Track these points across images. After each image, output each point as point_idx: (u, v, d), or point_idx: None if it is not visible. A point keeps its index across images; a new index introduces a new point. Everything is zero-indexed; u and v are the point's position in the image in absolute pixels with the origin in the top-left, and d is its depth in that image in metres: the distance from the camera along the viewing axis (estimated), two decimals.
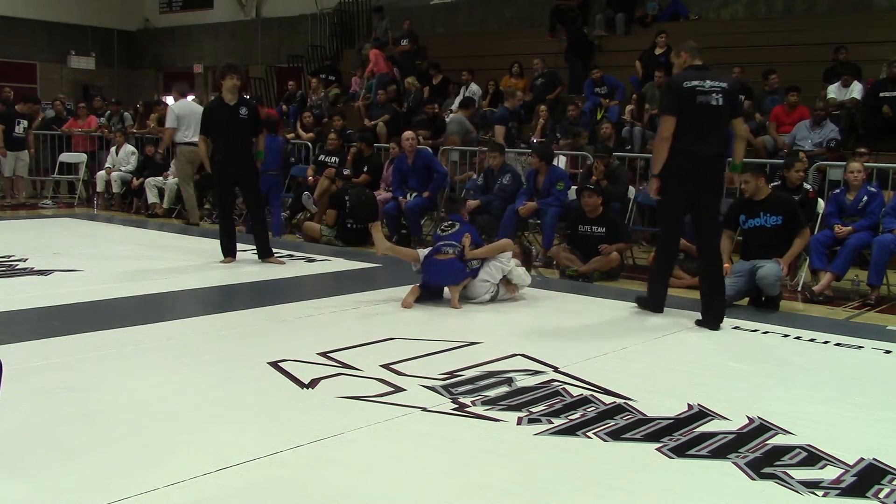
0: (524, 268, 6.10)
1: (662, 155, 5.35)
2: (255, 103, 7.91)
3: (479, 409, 3.54)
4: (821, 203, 7.23)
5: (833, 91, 9.84)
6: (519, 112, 11.82)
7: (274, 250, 7.65)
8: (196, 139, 10.29)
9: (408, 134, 9.21)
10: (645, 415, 3.53)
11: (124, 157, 12.21)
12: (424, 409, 3.51)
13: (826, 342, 5.05)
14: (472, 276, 5.90)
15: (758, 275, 5.90)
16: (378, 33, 15.57)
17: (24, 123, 12.30)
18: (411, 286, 5.85)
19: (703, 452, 3.13)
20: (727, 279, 6.02)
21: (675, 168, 5.36)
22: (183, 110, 10.17)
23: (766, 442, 3.25)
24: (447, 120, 11.80)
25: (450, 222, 6.21)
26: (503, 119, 10.67)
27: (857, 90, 9.74)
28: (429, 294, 5.85)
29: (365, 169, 9.79)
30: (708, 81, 5.44)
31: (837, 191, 7.10)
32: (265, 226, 7.74)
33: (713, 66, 11.20)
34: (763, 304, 6.04)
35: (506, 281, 5.98)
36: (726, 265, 6.13)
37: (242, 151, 7.32)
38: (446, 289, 5.90)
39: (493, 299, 5.95)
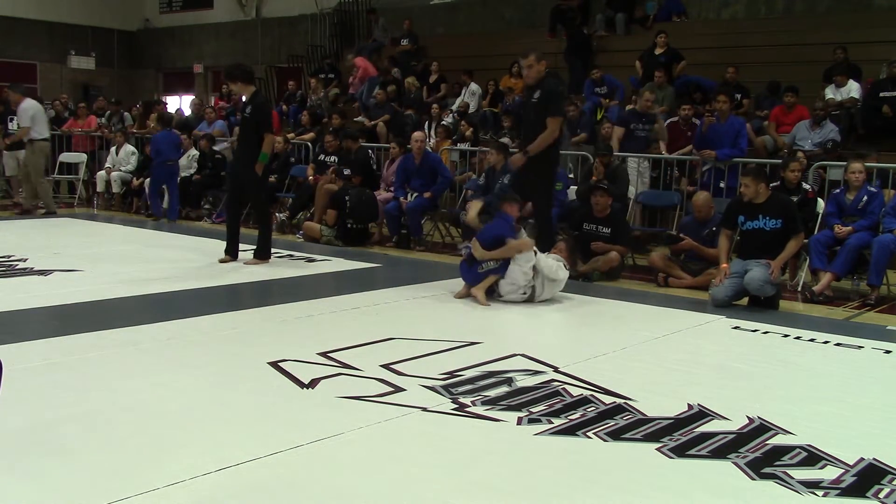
0: (560, 263, 6.01)
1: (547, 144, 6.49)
2: (261, 102, 7.56)
3: (479, 409, 3.54)
4: (820, 203, 7.23)
5: (830, 91, 9.84)
6: (518, 112, 11.80)
7: (273, 251, 7.65)
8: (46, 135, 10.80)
9: (418, 135, 9.22)
10: (645, 415, 3.53)
11: (124, 157, 12.21)
12: (424, 409, 3.51)
13: (826, 342, 5.05)
14: (498, 273, 5.90)
15: (745, 280, 5.91)
16: (375, 34, 15.57)
17: (12, 120, 12.19)
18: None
19: (703, 452, 3.14)
20: (725, 280, 6.04)
21: (558, 159, 6.94)
22: (34, 109, 10.58)
23: (766, 442, 3.25)
24: (445, 121, 11.80)
25: (487, 217, 6.27)
26: (625, 121, 9.31)
27: (854, 90, 9.73)
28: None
29: (347, 171, 9.67)
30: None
31: (837, 191, 7.09)
32: (262, 227, 7.55)
33: (713, 65, 11.37)
34: (762, 303, 6.03)
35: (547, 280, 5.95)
36: (724, 265, 6.14)
37: (242, 150, 7.32)
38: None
39: (530, 299, 5.93)
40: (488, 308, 5.78)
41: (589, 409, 3.58)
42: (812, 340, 5.10)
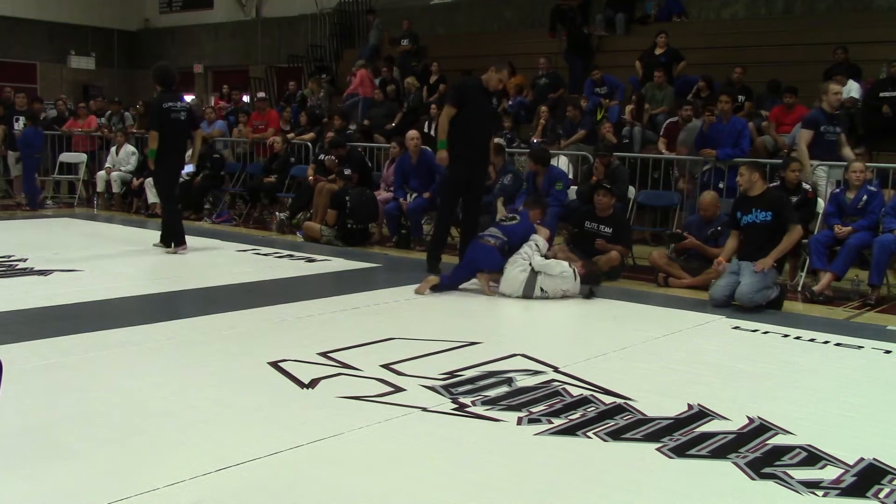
0: (573, 270, 6.15)
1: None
2: (152, 102, 8.54)
3: (479, 409, 3.54)
4: (820, 203, 7.23)
5: None
6: (519, 112, 11.80)
7: (273, 251, 7.66)
8: None
9: (412, 133, 9.20)
10: (645, 415, 3.53)
11: (124, 157, 12.20)
12: (424, 409, 3.51)
13: (826, 342, 5.05)
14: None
15: (735, 295, 5.91)
16: (370, 36, 15.54)
17: (24, 120, 12.23)
18: (428, 277, 6.21)
19: (703, 452, 3.14)
20: (721, 279, 6.06)
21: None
22: None
23: (766, 442, 3.25)
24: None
25: (513, 215, 6.50)
26: (814, 122, 7.73)
27: (854, 90, 9.72)
28: (445, 287, 6.17)
29: (347, 171, 9.64)
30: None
31: (837, 190, 7.09)
32: (165, 216, 8.16)
33: (713, 65, 11.36)
34: (767, 304, 6.03)
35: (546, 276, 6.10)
36: (721, 259, 6.18)
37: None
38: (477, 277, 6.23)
39: (528, 292, 6.01)
40: (488, 308, 5.78)
41: (589, 409, 3.58)
42: (812, 340, 5.10)
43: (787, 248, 6.13)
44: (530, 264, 6.09)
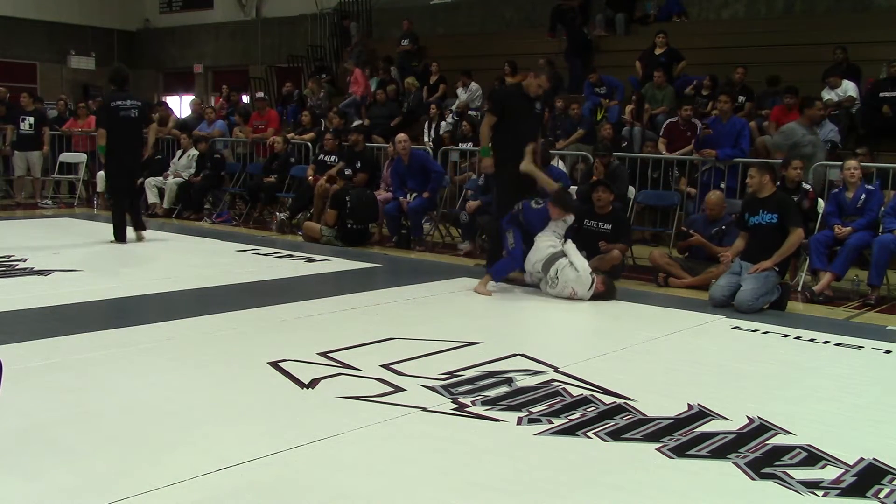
0: (592, 278, 6.14)
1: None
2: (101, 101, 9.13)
3: (479, 409, 3.54)
4: (821, 203, 7.23)
5: (826, 93, 9.80)
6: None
7: (273, 251, 7.67)
8: None
9: (401, 136, 9.19)
10: (645, 415, 3.53)
11: None
12: (424, 409, 3.51)
13: (826, 342, 5.05)
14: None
15: (735, 302, 5.90)
16: (352, 45, 15.54)
17: (31, 120, 12.22)
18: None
19: (703, 452, 3.14)
20: (721, 279, 6.06)
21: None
22: None
23: (766, 442, 3.25)
24: (447, 121, 11.78)
25: (540, 201, 6.62)
26: None
27: (851, 89, 9.70)
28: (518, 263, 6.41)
29: (358, 165, 9.72)
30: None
31: (836, 190, 7.10)
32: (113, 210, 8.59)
33: (713, 66, 11.36)
34: (771, 304, 6.02)
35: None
36: (726, 253, 6.20)
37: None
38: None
39: (545, 269, 6.13)
40: (488, 308, 5.78)
41: (589, 409, 3.58)
42: (812, 340, 5.10)
43: (787, 251, 6.10)
44: (562, 245, 6.25)
